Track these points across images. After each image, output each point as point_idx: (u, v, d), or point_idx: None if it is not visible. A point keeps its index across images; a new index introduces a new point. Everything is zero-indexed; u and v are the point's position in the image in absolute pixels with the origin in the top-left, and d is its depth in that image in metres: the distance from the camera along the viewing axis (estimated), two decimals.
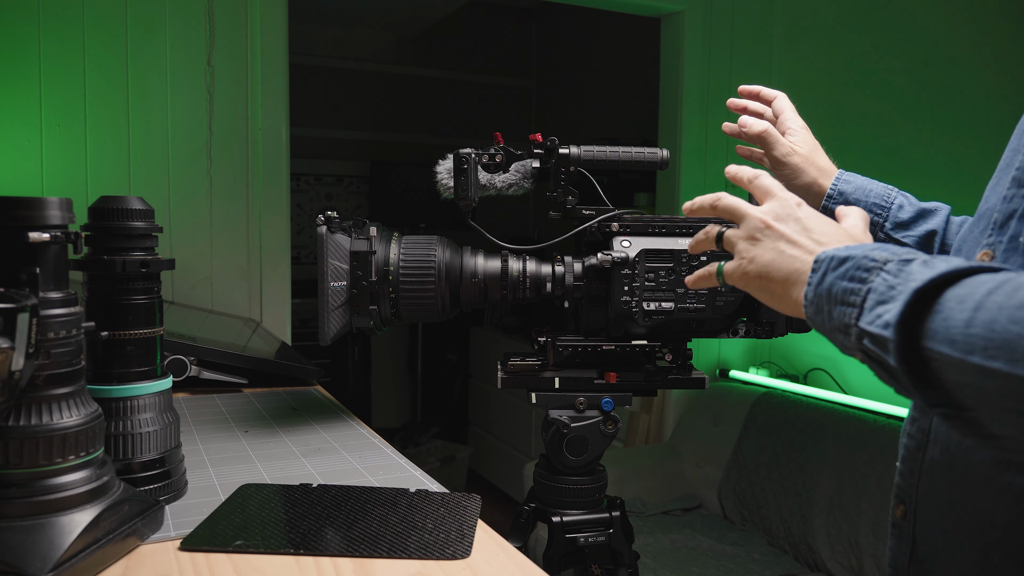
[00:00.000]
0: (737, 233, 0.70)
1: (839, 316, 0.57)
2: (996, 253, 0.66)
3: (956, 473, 0.66)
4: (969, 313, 0.47)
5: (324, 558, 0.69)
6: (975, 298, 0.47)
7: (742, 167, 0.75)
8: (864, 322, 0.54)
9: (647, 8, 2.65)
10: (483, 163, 1.00)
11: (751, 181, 0.73)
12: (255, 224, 2.05)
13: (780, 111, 1.00)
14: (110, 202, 0.80)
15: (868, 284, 0.55)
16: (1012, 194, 0.66)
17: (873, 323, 0.53)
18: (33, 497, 0.63)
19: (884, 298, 0.53)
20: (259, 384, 1.38)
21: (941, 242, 0.91)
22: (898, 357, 0.51)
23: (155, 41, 1.91)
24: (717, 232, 0.74)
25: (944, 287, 0.50)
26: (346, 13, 4.08)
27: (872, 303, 0.54)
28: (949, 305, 0.49)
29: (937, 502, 0.68)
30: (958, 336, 0.47)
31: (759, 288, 0.67)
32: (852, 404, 2.25)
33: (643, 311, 0.94)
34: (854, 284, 0.56)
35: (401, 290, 0.95)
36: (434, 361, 4.32)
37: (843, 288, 0.57)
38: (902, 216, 0.93)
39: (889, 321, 0.51)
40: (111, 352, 0.80)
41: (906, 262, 0.54)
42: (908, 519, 0.71)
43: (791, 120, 0.99)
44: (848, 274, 0.57)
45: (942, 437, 0.68)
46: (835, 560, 2.04)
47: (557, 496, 0.98)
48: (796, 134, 0.98)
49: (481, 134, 3.93)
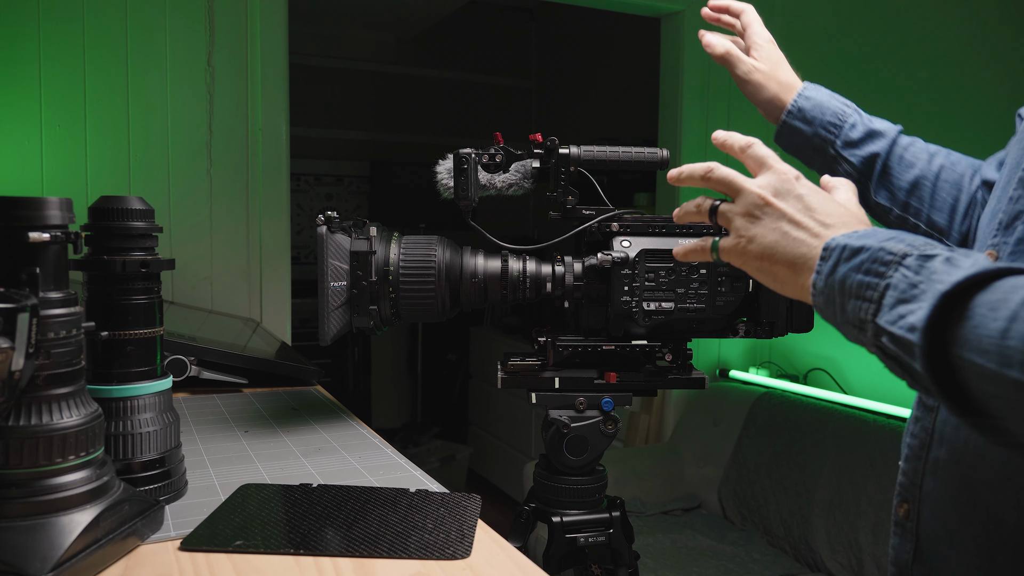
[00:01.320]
0: (733, 208, 0.66)
1: (853, 310, 0.55)
2: (1001, 255, 0.66)
3: (963, 472, 0.66)
4: (1004, 323, 0.45)
5: (324, 558, 0.69)
6: (1009, 307, 0.46)
7: (731, 133, 0.71)
8: (884, 320, 0.52)
9: (647, 8, 2.65)
10: (483, 163, 1.00)
11: (744, 150, 0.68)
12: (255, 224, 2.05)
13: (747, 25, 1.00)
14: (110, 202, 0.80)
15: (886, 279, 0.53)
16: (1018, 195, 0.66)
17: (895, 323, 0.51)
18: (33, 497, 0.63)
19: (905, 296, 0.51)
20: (259, 384, 1.38)
21: (883, 164, 0.93)
22: (926, 364, 0.49)
23: (155, 41, 1.91)
24: (710, 205, 0.69)
25: (972, 290, 0.48)
26: (346, 13, 4.08)
27: (892, 300, 0.52)
28: (980, 312, 0.47)
29: (942, 501, 0.68)
30: (991, 347, 0.46)
31: (759, 269, 0.65)
32: (852, 404, 2.25)
33: (643, 311, 0.94)
34: (870, 278, 0.54)
35: (401, 290, 0.95)
36: (434, 361, 4.32)
37: (858, 281, 0.55)
38: (852, 135, 0.94)
39: (915, 324, 0.50)
40: (111, 352, 0.80)
41: (926, 258, 0.52)
42: (911, 518, 0.71)
43: (756, 35, 0.99)
44: (863, 267, 0.55)
45: (948, 436, 0.68)
46: (835, 560, 2.04)
47: (557, 496, 0.98)
48: (760, 49, 0.98)
49: (481, 134, 3.92)
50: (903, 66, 2.25)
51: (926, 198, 0.91)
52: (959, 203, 0.91)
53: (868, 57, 2.36)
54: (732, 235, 0.66)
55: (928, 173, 0.92)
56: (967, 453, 0.65)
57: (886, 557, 0.71)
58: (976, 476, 0.65)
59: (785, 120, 0.97)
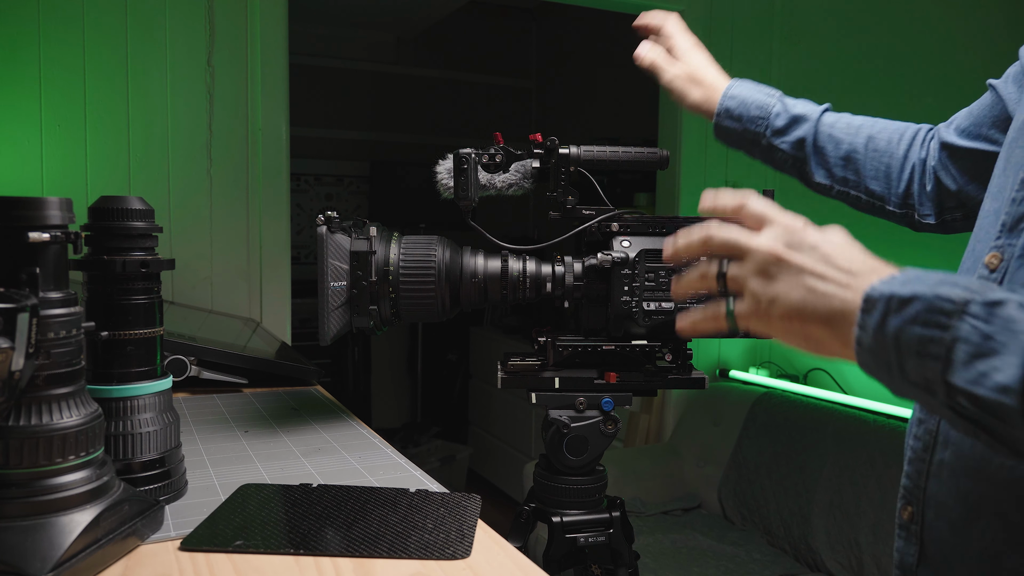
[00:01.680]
0: (744, 271, 0.60)
1: (916, 369, 0.50)
2: (1006, 257, 0.66)
3: (969, 475, 0.65)
4: None
5: (324, 558, 0.69)
6: None
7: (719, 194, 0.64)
8: (960, 380, 0.47)
9: (647, 8, 2.65)
10: (483, 163, 1.00)
11: (738, 211, 0.62)
12: (255, 224, 2.05)
13: (669, 36, 1.03)
14: (110, 202, 0.80)
15: (951, 332, 0.48)
16: (1022, 196, 0.66)
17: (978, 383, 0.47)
18: (33, 497, 0.63)
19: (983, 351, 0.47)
20: (259, 384, 1.38)
21: (813, 145, 0.96)
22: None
23: (155, 41, 1.91)
24: (717, 272, 0.62)
25: None
26: (346, 13, 4.08)
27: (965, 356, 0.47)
28: None
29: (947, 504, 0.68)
30: None
31: (788, 332, 0.58)
32: (852, 404, 2.25)
33: (643, 311, 0.94)
34: (932, 331, 0.49)
35: (401, 290, 0.95)
36: (434, 361, 4.32)
37: (918, 336, 0.49)
38: (778, 124, 0.97)
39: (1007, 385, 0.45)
40: (111, 352, 0.80)
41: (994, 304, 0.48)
42: (916, 521, 0.71)
43: (678, 43, 1.02)
44: (920, 318, 0.49)
45: (952, 439, 0.67)
46: (835, 560, 2.04)
47: (557, 496, 0.98)
48: (682, 56, 1.01)
49: (481, 134, 3.92)
50: (903, 66, 2.25)
51: (859, 169, 0.95)
52: (892, 168, 0.94)
53: (868, 57, 2.36)
54: (748, 299, 0.60)
55: (857, 145, 0.95)
56: (973, 456, 0.65)
57: (886, 557, 0.71)
58: (982, 479, 0.64)
59: (716, 122, 1.00)
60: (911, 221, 0.94)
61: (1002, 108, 0.83)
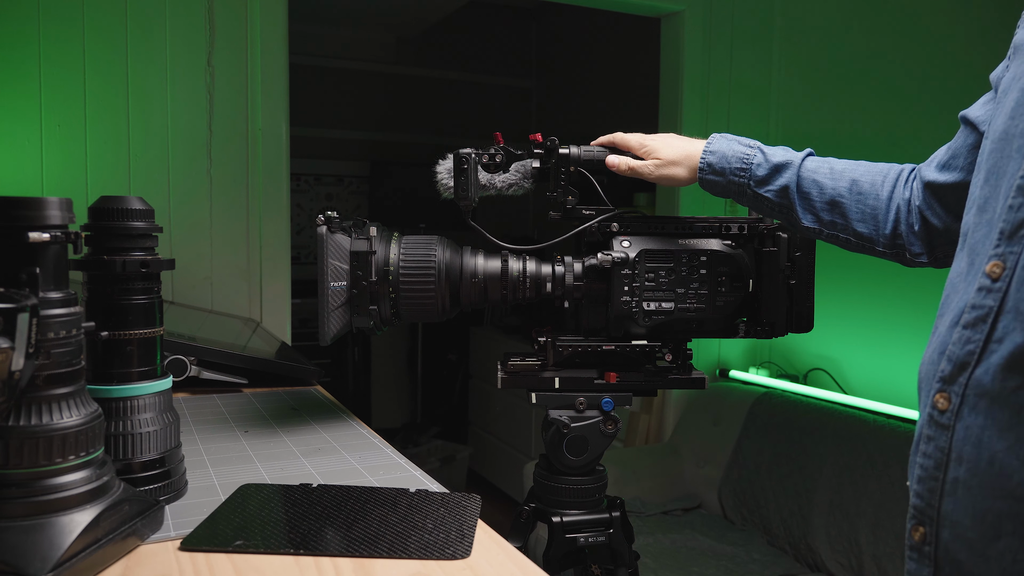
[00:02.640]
0: None
1: None
2: (1008, 265, 0.65)
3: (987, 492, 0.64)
4: None
5: (324, 558, 0.69)
6: None
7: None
8: None
9: (647, 8, 2.65)
10: (483, 163, 1.00)
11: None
12: (255, 224, 2.05)
13: (626, 147, 1.05)
14: (110, 202, 0.80)
15: None
16: (1019, 203, 0.66)
17: None
18: (33, 497, 0.63)
19: None
20: (259, 384, 1.38)
21: (797, 192, 0.97)
22: None
23: (155, 41, 1.91)
24: None
25: None
26: (346, 13, 4.08)
27: None
28: None
29: (964, 523, 0.66)
30: None
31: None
32: (852, 404, 2.25)
33: (643, 311, 0.94)
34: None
35: (401, 290, 0.95)
36: (434, 361, 4.32)
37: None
38: (759, 174, 0.98)
39: None
40: (111, 352, 0.80)
41: None
42: (929, 542, 0.69)
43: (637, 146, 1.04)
44: None
45: (967, 456, 0.66)
46: (835, 560, 2.04)
47: (557, 496, 0.98)
48: (648, 153, 1.03)
49: (481, 134, 3.92)
50: (903, 66, 2.25)
51: (846, 213, 0.95)
52: (878, 211, 0.94)
53: (868, 57, 2.36)
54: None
55: (841, 190, 0.95)
56: (990, 473, 0.63)
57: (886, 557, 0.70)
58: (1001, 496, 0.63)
59: (700, 177, 1.01)
60: (903, 260, 0.94)
61: (976, 137, 0.83)
